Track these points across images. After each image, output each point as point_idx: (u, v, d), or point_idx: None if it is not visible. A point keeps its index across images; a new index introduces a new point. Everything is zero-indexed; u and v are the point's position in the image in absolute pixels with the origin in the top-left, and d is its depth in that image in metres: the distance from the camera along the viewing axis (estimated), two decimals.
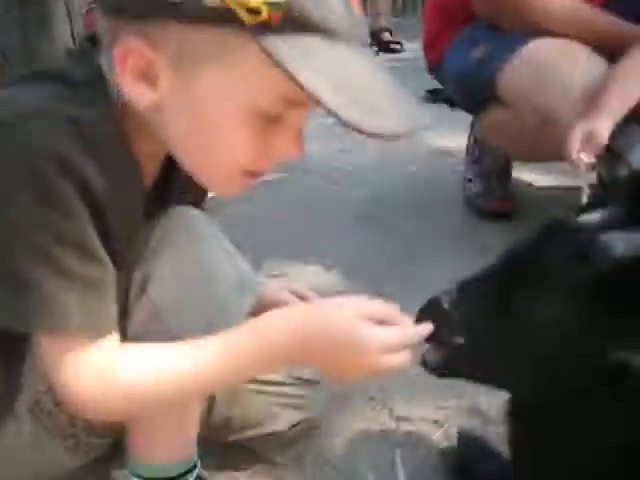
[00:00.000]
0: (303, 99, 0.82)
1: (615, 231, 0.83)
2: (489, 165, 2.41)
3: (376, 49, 5.02)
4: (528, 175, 2.68)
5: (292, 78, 0.79)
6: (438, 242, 2.22)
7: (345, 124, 0.80)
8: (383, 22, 5.26)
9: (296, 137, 0.91)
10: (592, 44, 1.89)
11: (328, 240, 2.26)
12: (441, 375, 0.96)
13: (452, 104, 2.40)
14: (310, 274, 2.05)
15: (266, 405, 1.32)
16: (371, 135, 0.81)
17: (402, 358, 0.92)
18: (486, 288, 0.89)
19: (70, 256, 0.87)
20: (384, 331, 0.91)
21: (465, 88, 2.21)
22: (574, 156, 1.66)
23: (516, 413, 0.96)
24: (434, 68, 2.38)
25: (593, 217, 0.90)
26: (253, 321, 0.96)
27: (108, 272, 0.92)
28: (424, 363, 0.94)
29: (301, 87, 0.79)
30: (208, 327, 0.97)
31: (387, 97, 0.86)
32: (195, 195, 1.15)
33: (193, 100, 0.87)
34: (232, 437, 1.33)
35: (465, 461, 1.29)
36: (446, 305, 0.90)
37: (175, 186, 1.09)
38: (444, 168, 2.82)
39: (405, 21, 5.88)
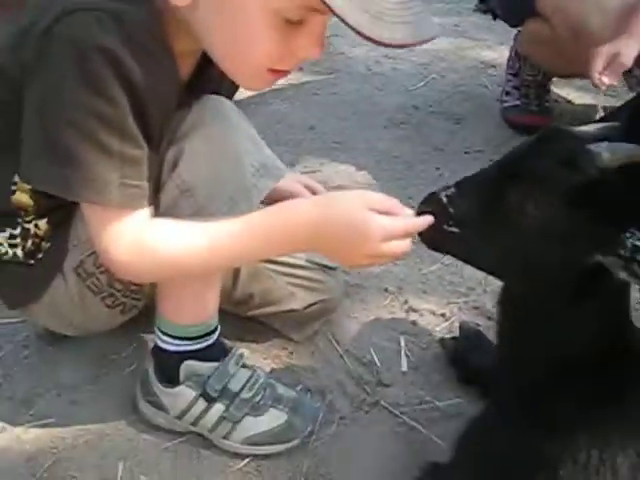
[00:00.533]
0: (322, 7, 0.89)
1: (603, 142, 0.90)
2: (528, 79, 2.42)
3: None
4: (567, 92, 2.69)
5: None
6: (469, 150, 2.28)
7: (352, 29, 0.87)
8: None
9: (317, 39, 1.00)
10: None
11: (360, 140, 2.33)
12: (435, 250, 1.07)
13: (495, 15, 2.40)
14: (341, 173, 2.14)
15: (285, 285, 1.44)
16: (375, 42, 0.89)
17: (403, 246, 1.03)
18: (482, 186, 0.98)
19: (111, 136, 0.99)
20: (389, 220, 1.01)
21: (507, 1, 2.22)
22: (596, 76, 1.70)
23: (504, 301, 1.06)
24: None
25: (589, 128, 0.98)
26: (274, 207, 1.07)
27: (144, 153, 1.05)
28: (423, 240, 1.04)
29: None
30: (232, 204, 1.12)
31: (398, 7, 0.92)
32: (226, 92, 1.25)
33: (229, 3, 0.97)
34: (252, 312, 1.46)
35: (463, 350, 1.40)
36: (444, 199, 0.98)
37: (208, 81, 1.19)
38: (485, 79, 2.83)
39: None
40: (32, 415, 1.34)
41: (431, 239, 1.02)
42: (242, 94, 1.99)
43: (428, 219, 1.00)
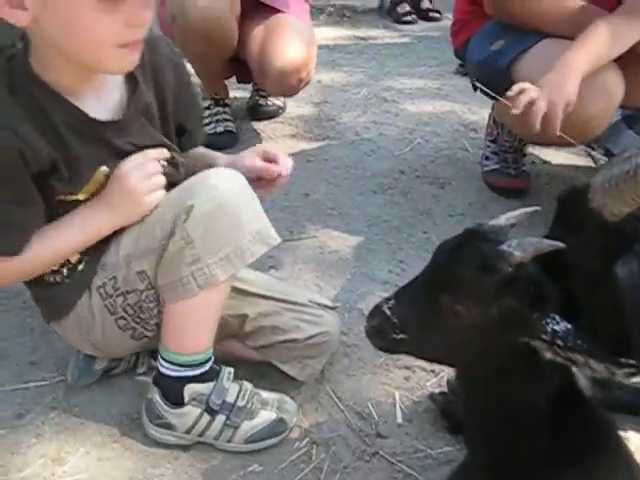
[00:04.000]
0: None
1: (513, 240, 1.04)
2: (505, 144, 2.61)
3: (415, 16, 5.11)
4: (544, 153, 2.88)
5: None
6: (453, 214, 2.45)
7: None
8: None
9: (139, 4, 1.22)
10: None
11: (352, 206, 2.50)
12: (385, 352, 1.23)
13: (474, 87, 2.59)
14: (336, 238, 2.30)
15: (290, 319, 1.63)
16: None
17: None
18: (416, 295, 1.12)
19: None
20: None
21: (483, 76, 2.36)
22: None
23: (458, 375, 1.24)
24: (459, 53, 2.59)
25: (503, 221, 1.14)
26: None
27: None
28: (374, 344, 1.19)
29: None
30: (227, 260, 1.38)
31: None
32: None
33: (52, 5, 1.19)
34: (260, 342, 1.64)
35: (451, 403, 1.55)
36: (387, 312, 1.13)
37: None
38: (467, 142, 3.02)
39: None
40: (65, 472, 1.47)
41: (383, 346, 1.18)
42: None
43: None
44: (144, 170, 1.39)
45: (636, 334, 0.99)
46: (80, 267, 1.47)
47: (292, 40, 2.58)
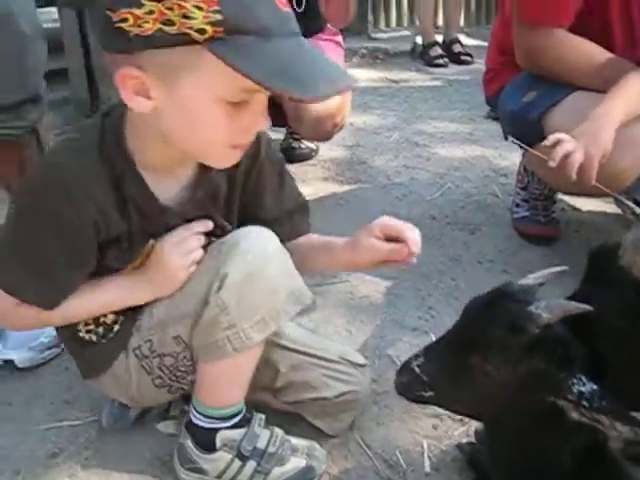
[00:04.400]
0: (257, 86, 1.13)
1: (542, 301, 1.06)
2: (535, 192, 2.63)
3: (446, 60, 5.18)
4: (574, 200, 2.89)
5: (238, 71, 1.10)
6: (483, 260, 2.47)
7: (281, 94, 1.15)
8: (454, 33, 5.36)
9: (260, 113, 1.24)
10: None
11: None
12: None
13: (505, 137, 2.61)
14: (367, 283, 2.33)
15: (320, 376, 1.64)
16: (299, 100, 1.19)
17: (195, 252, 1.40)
18: (446, 353, 1.15)
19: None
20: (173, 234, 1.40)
21: (515, 127, 2.40)
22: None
23: (485, 425, 1.26)
24: (490, 101, 2.62)
25: (533, 281, 1.16)
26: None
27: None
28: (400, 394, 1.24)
29: (247, 77, 1.10)
30: (263, 324, 1.40)
31: (314, 71, 1.16)
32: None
33: (179, 101, 1.20)
34: (291, 398, 1.66)
35: (477, 455, 1.56)
36: (416, 369, 1.16)
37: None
38: (497, 188, 3.05)
39: (478, 32, 6.00)
40: None
41: (413, 400, 1.22)
42: None
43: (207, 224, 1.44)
44: (185, 246, 1.40)
45: None
46: (115, 328, 1.50)
47: None
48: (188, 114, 1.21)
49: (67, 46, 3.60)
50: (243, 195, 1.53)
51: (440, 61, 5.14)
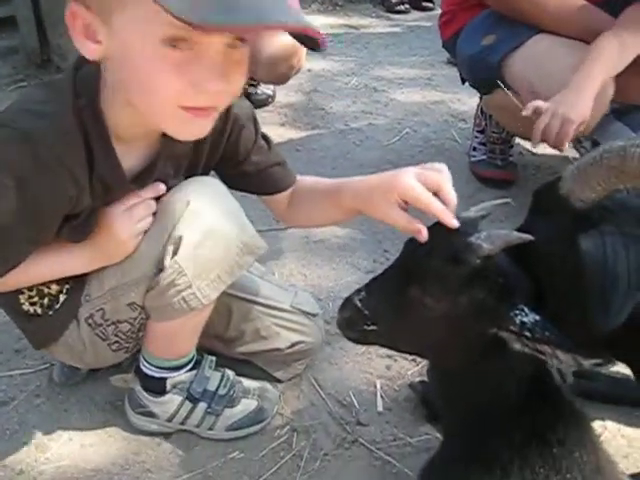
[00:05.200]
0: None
1: (482, 232, 1.05)
2: (493, 135, 2.62)
3: (407, 6, 5.11)
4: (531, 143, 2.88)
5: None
6: None
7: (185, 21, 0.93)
8: None
9: (214, 69, 1.07)
10: (579, 38, 2.09)
11: None
12: (358, 343, 1.24)
13: (462, 80, 2.59)
14: (324, 229, 2.29)
15: (271, 325, 1.63)
16: (209, 29, 0.96)
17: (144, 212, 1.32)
18: (387, 287, 1.13)
19: None
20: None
21: (473, 70, 2.40)
22: (534, 141, 1.96)
23: (431, 368, 1.27)
24: (447, 45, 2.58)
25: (473, 214, 1.14)
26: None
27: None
28: (346, 336, 1.20)
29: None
30: (218, 281, 1.37)
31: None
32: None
33: (120, 44, 1.07)
34: (241, 349, 1.65)
35: (430, 394, 1.57)
36: (358, 303, 1.14)
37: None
38: (455, 133, 3.04)
39: None
40: (47, 459, 1.49)
41: (356, 338, 1.19)
42: None
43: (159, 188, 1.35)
44: (134, 214, 1.32)
45: (596, 304, 0.99)
46: (62, 298, 1.44)
47: None
48: (131, 62, 1.08)
49: None
50: (215, 152, 1.44)
51: (401, 7, 5.08)
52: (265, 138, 1.51)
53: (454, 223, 1.07)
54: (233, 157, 1.47)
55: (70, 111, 1.18)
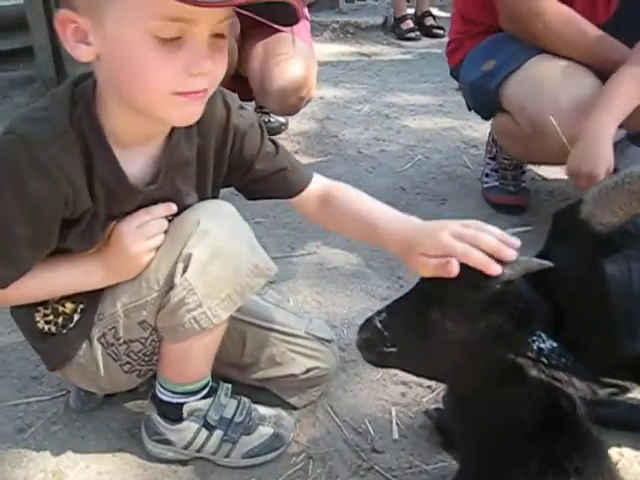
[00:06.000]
0: (185, 14, 1.06)
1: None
2: (504, 162, 2.63)
3: (418, 33, 5.16)
4: (543, 169, 2.91)
5: None
6: None
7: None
8: (426, 6, 5.33)
9: (201, 52, 1.12)
10: (591, 66, 2.10)
11: None
12: (377, 366, 1.26)
13: (468, 107, 2.61)
14: (337, 255, 2.33)
15: (286, 351, 1.64)
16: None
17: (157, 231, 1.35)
18: (408, 310, 1.14)
19: None
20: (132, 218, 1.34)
21: (474, 96, 2.43)
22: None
23: (448, 393, 1.26)
24: (454, 72, 2.61)
25: None
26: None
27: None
28: (365, 358, 1.21)
29: None
30: (229, 301, 1.38)
31: None
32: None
33: (111, 42, 1.12)
34: (256, 375, 1.66)
35: (445, 421, 1.57)
36: (378, 324, 1.15)
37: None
38: (467, 159, 3.06)
39: (450, 4, 5.94)
40: None
41: (375, 360, 1.20)
42: None
43: (170, 207, 1.38)
44: (145, 231, 1.35)
45: (622, 329, 0.99)
46: (76, 317, 1.46)
47: (292, 59, 2.60)
48: (122, 56, 1.12)
49: (31, 23, 3.54)
50: (221, 164, 1.46)
51: (412, 34, 5.13)
52: (274, 142, 1.52)
53: (495, 270, 1.04)
54: (241, 165, 1.48)
55: (67, 116, 1.23)
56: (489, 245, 1.07)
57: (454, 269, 1.06)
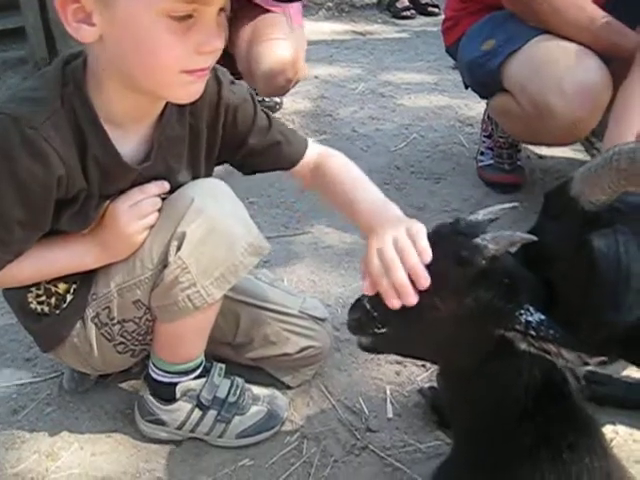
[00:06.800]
0: None
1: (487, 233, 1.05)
2: (500, 140, 2.61)
3: (414, 11, 5.11)
4: (539, 148, 2.88)
5: None
6: (448, 209, 2.46)
7: None
8: None
9: (212, 31, 1.14)
10: (592, 48, 2.06)
11: None
12: (371, 352, 1.24)
13: (465, 85, 2.59)
14: (330, 234, 2.32)
15: (280, 330, 1.63)
16: None
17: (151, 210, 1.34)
18: None
19: None
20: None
21: (473, 75, 2.40)
22: None
23: (441, 372, 1.25)
24: (450, 50, 2.59)
25: (480, 216, 1.14)
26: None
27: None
28: (359, 345, 1.20)
29: None
30: (222, 279, 1.37)
31: None
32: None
33: (121, 23, 1.11)
34: (250, 355, 1.66)
35: (440, 400, 1.56)
36: (367, 305, 1.14)
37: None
38: (463, 137, 3.03)
39: None
40: (58, 467, 1.49)
41: (368, 344, 1.19)
42: None
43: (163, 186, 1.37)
44: (139, 210, 1.34)
45: (607, 300, 0.98)
46: (69, 297, 1.45)
47: (279, 40, 2.57)
48: (132, 37, 1.12)
49: (22, 3, 3.50)
50: (214, 140, 1.45)
51: (407, 13, 5.07)
52: (267, 115, 1.51)
53: (393, 303, 1.07)
54: (235, 140, 1.47)
55: (58, 96, 1.22)
56: (398, 277, 1.07)
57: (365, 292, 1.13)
